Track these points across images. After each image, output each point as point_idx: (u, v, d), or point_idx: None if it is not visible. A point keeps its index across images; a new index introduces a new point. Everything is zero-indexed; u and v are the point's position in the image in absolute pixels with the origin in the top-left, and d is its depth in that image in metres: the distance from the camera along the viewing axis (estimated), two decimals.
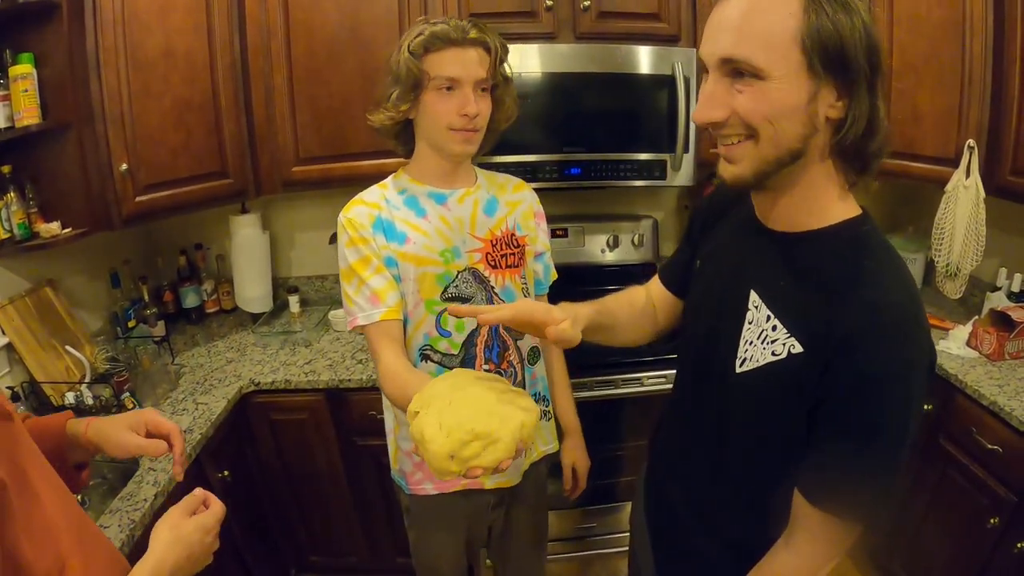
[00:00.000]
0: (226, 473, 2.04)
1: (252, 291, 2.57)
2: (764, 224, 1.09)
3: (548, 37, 2.39)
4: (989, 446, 2.06)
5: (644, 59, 2.37)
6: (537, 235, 1.72)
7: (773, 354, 1.02)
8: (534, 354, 1.69)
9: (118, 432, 1.18)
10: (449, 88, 1.42)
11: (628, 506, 2.38)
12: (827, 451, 0.99)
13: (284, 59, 2.29)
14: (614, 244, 2.85)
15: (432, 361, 1.58)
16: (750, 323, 1.07)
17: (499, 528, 1.84)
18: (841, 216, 1.01)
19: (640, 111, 2.43)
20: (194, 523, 1.04)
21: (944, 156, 2.41)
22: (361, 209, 1.50)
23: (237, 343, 2.51)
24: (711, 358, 1.16)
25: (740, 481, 1.16)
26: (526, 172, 2.36)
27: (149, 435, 1.21)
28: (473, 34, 1.42)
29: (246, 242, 2.52)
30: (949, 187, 2.39)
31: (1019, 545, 1.92)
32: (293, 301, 2.65)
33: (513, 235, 1.63)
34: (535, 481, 1.82)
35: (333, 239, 2.61)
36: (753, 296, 1.08)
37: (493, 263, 1.58)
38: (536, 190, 2.40)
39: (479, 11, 2.32)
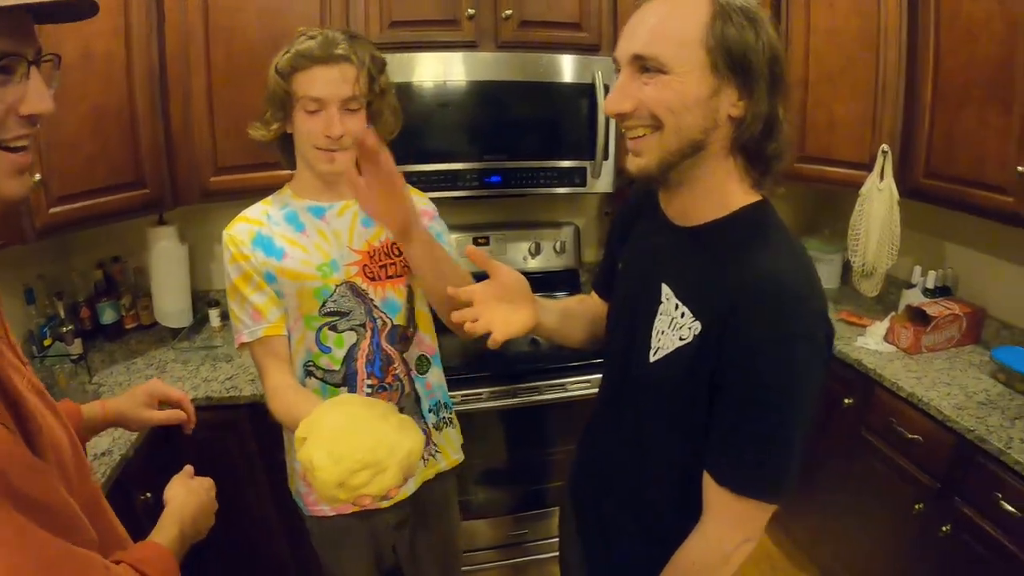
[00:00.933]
0: (148, 495, 1.99)
1: (171, 305, 2.54)
2: (672, 221, 1.19)
3: (470, 46, 2.45)
4: (910, 436, 2.21)
5: (565, 68, 2.45)
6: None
7: (680, 339, 1.11)
8: (423, 363, 1.70)
9: (136, 409, 1.37)
10: (315, 109, 1.43)
11: (558, 511, 2.49)
12: (721, 426, 1.07)
13: (203, 65, 2.28)
14: (536, 251, 2.94)
15: (315, 377, 1.59)
16: (662, 314, 1.16)
17: (406, 548, 1.83)
18: (740, 204, 1.11)
19: (561, 119, 2.52)
20: (198, 481, 1.28)
21: (859, 160, 2.59)
22: (242, 226, 1.53)
23: (157, 360, 2.46)
24: (629, 354, 1.23)
25: (660, 472, 1.23)
26: (446, 181, 2.43)
27: (160, 405, 1.40)
28: (340, 50, 1.41)
29: (164, 255, 2.48)
30: (864, 190, 2.55)
31: (944, 528, 2.06)
32: (214, 315, 2.63)
33: (394, 244, 1.61)
34: (441, 497, 1.83)
35: None
36: (665, 289, 1.16)
37: (371, 275, 1.58)
38: (457, 198, 2.47)
39: (400, 19, 2.37)
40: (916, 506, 2.19)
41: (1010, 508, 1.84)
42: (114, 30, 2.08)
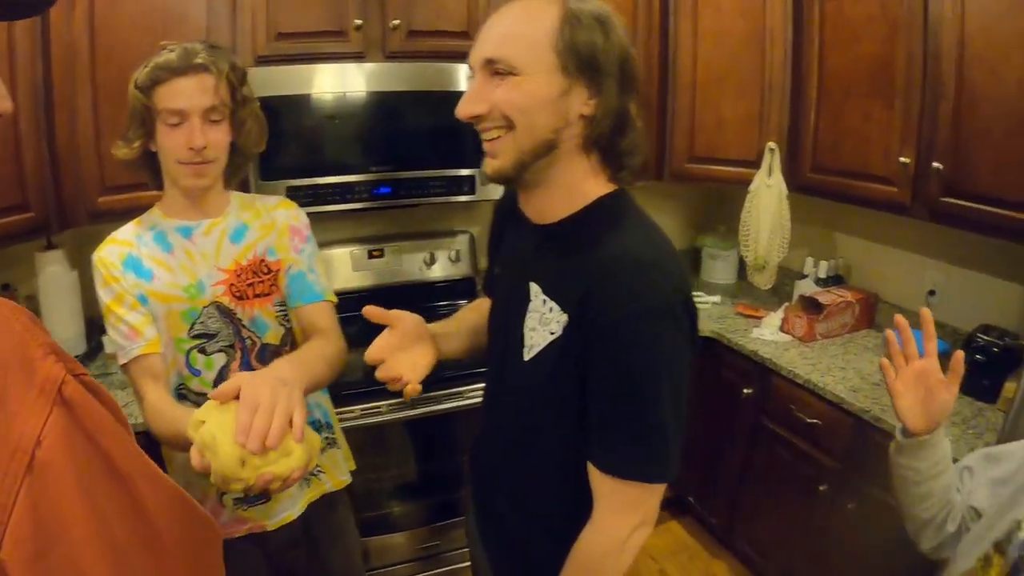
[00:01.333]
0: None
1: (63, 332, 2.45)
2: (534, 222, 1.22)
3: (358, 57, 2.45)
4: (808, 420, 2.33)
5: (454, 77, 2.49)
6: (290, 253, 1.66)
7: (551, 333, 1.13)
8: None
9: None
10: (176, 121, 1.41)
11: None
12: (596, 413, 1.10)
13: (89, 83, 2.23)
14: (432, 261, 2.95)
15: (189, 401, 1.56)
16: (532, 312, 1.18)
17: (305, 568, 1.78)
18: (595, 197, 1.15)
19: (449, 128, 2.48)
20: None
21: (747, 158, 2.72)
22: (112, 248, 1.50)
23: None
24: (506, 356, 1.26)
25: (548, 469, 1.25)
26: (337, 193, 2.44)
27: None
28: (199, 59, 1.41)
29: (53, 280, 2.41)
30: (752, 187, 2.68)
31: (848, 505, 2.17)
32: (107, 342, 2.53)
33: (263, 261, 1.60)
34: (333, 520, 1.81)
35: None
36: (533, 287, 1.19)
37: (238, 294, 1.56)
38: (350, 211, 2.46)
39: (287, 31, 2.36)
40: (820, 487, 2.31)
41: None
42: None
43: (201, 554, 0.76)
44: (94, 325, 2.63)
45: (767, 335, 2.66)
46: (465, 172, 2.59)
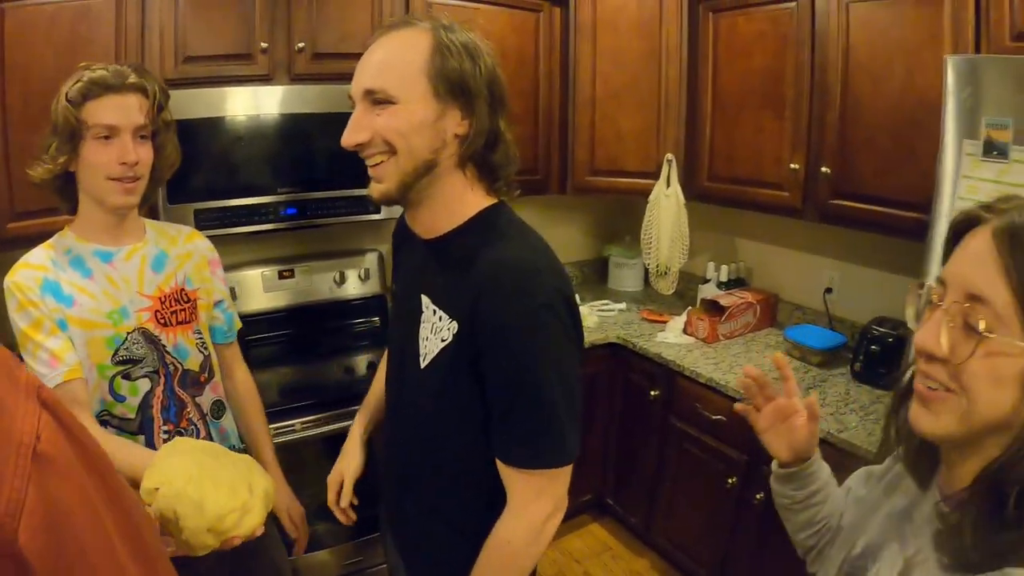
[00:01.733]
0: None
1: None
2: (421, 237, 1.30)
3: (264, 79, 2.48)
4: (713, 417, 2.46)
5: None
6: (213, 283, 1.73)
7: (442, 340, 1.21)
8: (218, 408, 1.70)
9: None
10: (107, 136, 1.42)
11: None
12: (494, 409, 1.18)
13: None
14: (341, 280, 2.98)
15: (111, 426, 1.53)
16: (424, 322, 1.26)
17: None
18: (475, 210, 1.25)
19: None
20: None
21: (646, 170, 2.88)
22: (27, 273, 1.45)
23: None
24: (404, 366, 1.34)
25: (452, 470, 1.31)
26: (242, 215, 2.44)
27: None
28: (132, 79, 1.44)
29: None
30: (652, 196, 2.83)
31: (757, 496, 2.29)
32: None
33: (183, 290, 1.63)
34: (253, 543, 1.70)
35: None
36: (424, 300, 1.27)
37: (163, 321, 1.58)
38: (258, 232, 2.48)
39: (195, 54, 2.37)
40: (730, 480, 2.44)
41: None
42: None
43: (163, 554, 0.83)
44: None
45: (671, 338, 2.79)
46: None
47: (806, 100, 2.41)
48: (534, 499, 1.21)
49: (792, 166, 2.46)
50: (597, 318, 3.08)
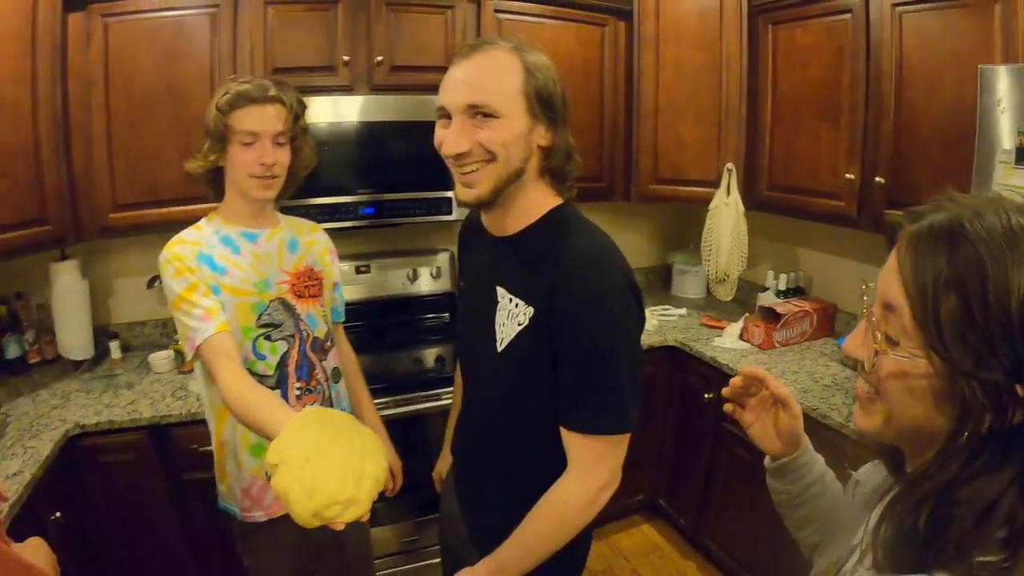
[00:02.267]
0: (58, 515, 2.11)
1: (73, 339, 2.70)
2: (496, 235, 1.47)
3: (346, 90, 2.72)
4: None
5: (431, 107, 2.73)
6: (332, 269, 2.03)
7: (519, 324, 1.37)
8: (336, 373, 1.97)
9: None
10: (250, 142, 1.69)
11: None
12: (567, 383, 1.33)
13: (103, 109, 2.49)
14: (414, 277, 3.21)
15: None
16: (500, 310, 1.42)
17: (330, 548, 2.02)
18: (545, 210, 1.41)
19: (427, 154, 2.63)
20: None
21: (707, 178, 2.96)
22: (183, 246, 1.72)
23: (61, 391, 2.60)
24: (479, 351, 1.50)
25: (524, 445, 1.47)
26: (324, 213, 2.66)
27: None
28: (272, 92, 1.69)
29: (66, 289, 2.66)
30: (712, 205, 2.91)
31: None
32: (114, 347, 2.80)
33: (312, 269, 1.92)
34: None
35: (151, 284, 2.81)
36: (500, 291, 1.43)
37: (298, 293, 1.86)
38: (336, 229, 2.65)
39: (283, 66, 2.61)
40: None
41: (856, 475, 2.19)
42: (20, 77, 2.28)
43: None
44: (101, 333, 2.91)
45: (727, 343, 2.86)
46: (443, 194, 2.85)
47: (861, 110, 2.46)
48: (594, 466, 1.36)
49: (847, 176, 2.51)
50: (657, 321, 3.18)
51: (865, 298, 0.83)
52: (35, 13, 2.33)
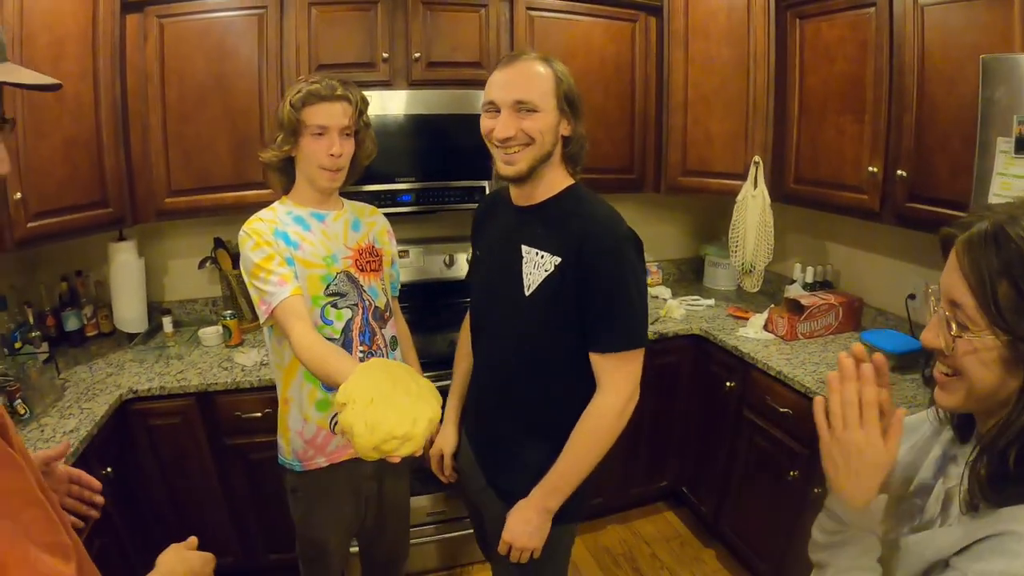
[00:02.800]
0: (109, 470, 2.33)
1: (129, 312, 2.94)
2: (522, 205, 1.81)
3: (385, 84, 2.90)
4: (781, 410, 2.57)
5: (466, 100, 2.91)
6: (390, 247, 2.25)
7: (545, 271, 1.70)
8: (393, 341, 2.17)
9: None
10: (320, 134, 1.92)
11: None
12: (598, 313, 1.66)
13: (159, 102, 2.72)
14: (451, 262, 3.39)
15: None
16: (526, 262, 1.75)
17: (374, 501, 2.22)
18: (563, 186, 1.78)
19: (462, 145, 2.96)
20: (197, 555, 1.32)
21: (734, 171, 3.03)
22: (260, 223, 1.95)
23: (116, 360, 2.84)
24: (505, 299, 1.80)
25: (550, 376, 1.77)
26: (366, 200, 2.68)
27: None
28: (339, 91, 1.92)
29: (124, 266, 2.90)
30: (739, 197, 2.97)
31: (816, 490, 2.38)
32: (166, 322, 3.04)
33: (373, 247, 2.14)
34: (404, 460, 2.24)
35: (202, 264, 3.06)
36: (523, 248, 1.76)
37: (361, 267, 2.08)
38: None
39: (326, 63, 2.80)
40: (791, 473, 2.53)
41: None
42: (83, 73, 2.51)
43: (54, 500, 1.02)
44: (154, 309, 3.16)
45: (751, 334, 2.92)
46: (476, 183, 3.01)
47: (884, 104, 2.49)
48: (622, 379, 1.71)
49: (870, 169, 2.54)
50: (685, 311, 3.26)
51: (933, 297, 1.02)
52: (95, 15, 2.57)
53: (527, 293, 1.74)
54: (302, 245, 1.98)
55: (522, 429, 1.84)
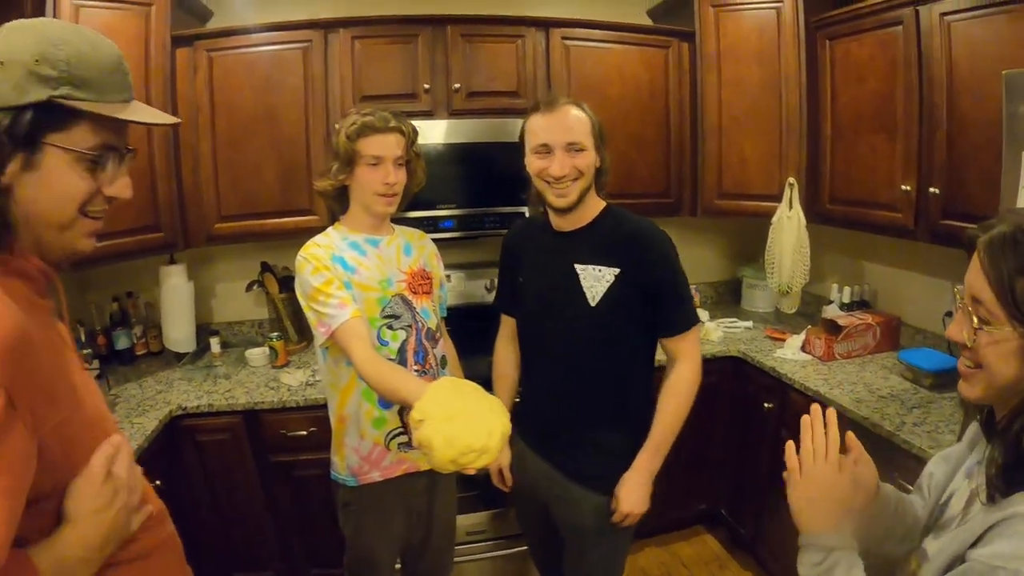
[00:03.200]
0: (159, 483, 2.31)
1: (178, 333, 3.07)
2: (565, 230, 2.06)
3: (427, 114, 3.01)
4: None
5: (504, 129, 3.00)
6: (438, 270, 2.35)
7: (607, 281, 1.95)
8: (443, 360, 2.28)
9: None
10: (375, 164, 2.02)
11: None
12: (668, 304, 1.98)
13: (209, 131, 2.87)
14: (491, 287, 3.45)
15: None
16: (584, 277, 1.98)
17: (424, 515, 2.29)
18: (600, 208, 2.06)
19: (501, 172, 3.06)
20: (112, 485, 1.10)
21: (769, 193, 3.07)
22: (318, 249, 2.05)
23: (165, 378, 2.97)
24: (568, 313, 2.01)
25: (617, 370, 2.03)
26: (411, 226, 2.87)
27: None
28: (392, 123, 2.04)
29: (174, 289, 3.03)
30: (775, 218, 3.00)
31: None
32: (214, 343, 3.16)
33: (424, 270, 2.24)
34: (452, 476, 2.30)
35: (249, 288, 3.20)
36: (577, 266, 1.99)
37: (414, 290, 2.18)
38: None
39: (369, 94, 2.93)
40: None
41: (905, 484, 2.08)
42: None
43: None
44: (202, 330, 3.29)
45: (788, 355, 2.93)
46: (515, 209, 3.10)
47: (915, 121, 2.52)
48: (694, 351, 2.04)
49: (904, 187, 2.57)
50: (723, 333, 3.29)
51: (958, 295, 1.10)
52: (148, 49, 2.75)
53: (593, 304, 1.97)
54: (359, 270, 2.08)
55: (599, 422, 2.06)
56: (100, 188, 1.10)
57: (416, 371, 2.15)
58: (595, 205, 2.06)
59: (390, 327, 2.12)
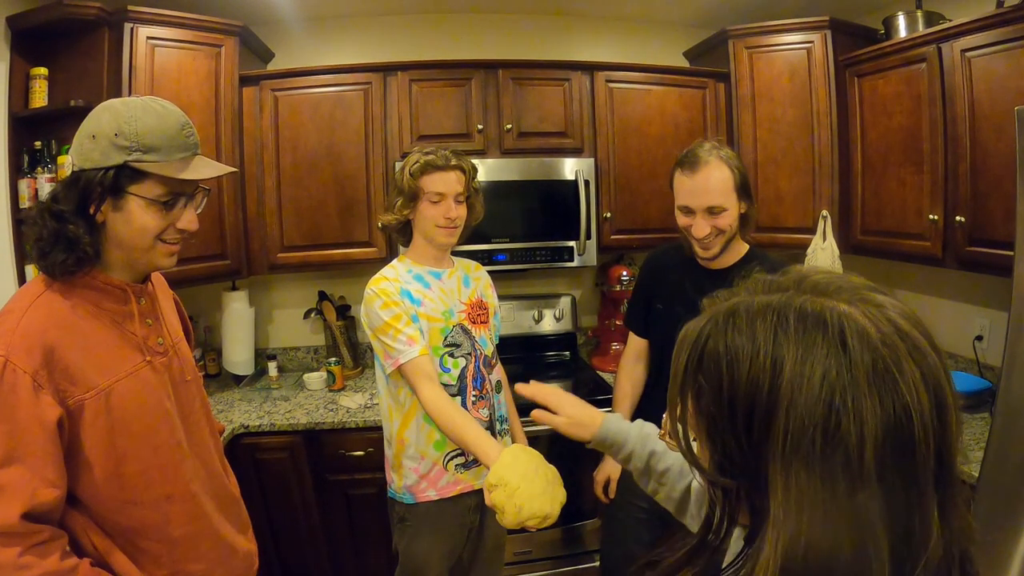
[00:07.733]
0: None
1: (238, 356, 3.37)
2: (715, 268, 2.33)
3: (480, 153, 3.33)
4: None
5: (553, 168, 3.34)
6: (493, 300, 2.57)
7: None
8: (498, 386, 2.48)
9: None
10: (437, 201, 2.23)
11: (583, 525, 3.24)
12: None
13: (274, 167, 3.21)
14: (539, 318, 3.80)
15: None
16: None
17: (475, 532, 2.48)
18: (745, 250, 2.36)
19: (552, 208, 3.39)
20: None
21: (804, 225, 3.37)
22: (386, 283, 2.24)
23: (225, 399, 3.25)
24: None
25: None
26: (466, 259, 3.10)
27: None
28: (454, 162, 2.25)
29: (235, 314, 3.36)
30: (809, 250, 3.31)
31: None
32: (272, 367, 3.45)
33: (482, 301, 2.46)
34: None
35: (307, 315, 3.57)
36: None
37: (473, 320, 2.40)
38: None
39: (426, 133, 3.27)
40: None
41: None
42: (206, 139, 2.95)
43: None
44: (260, 354, 3.59)
45: None
46: (565, 244, 3.42)
47: (941, 153, 2.77)
48: None
49: (931, 217, 2.82)
50: None
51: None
52: (218, 88, 3.10)
53: None
54: (424, 302, 2.29)
55: None
56: (172, 223, 1.54)
57: (474, 396, 2.37)
58: (739, 247, 2.35)
59: (451, 355, 2.33)
